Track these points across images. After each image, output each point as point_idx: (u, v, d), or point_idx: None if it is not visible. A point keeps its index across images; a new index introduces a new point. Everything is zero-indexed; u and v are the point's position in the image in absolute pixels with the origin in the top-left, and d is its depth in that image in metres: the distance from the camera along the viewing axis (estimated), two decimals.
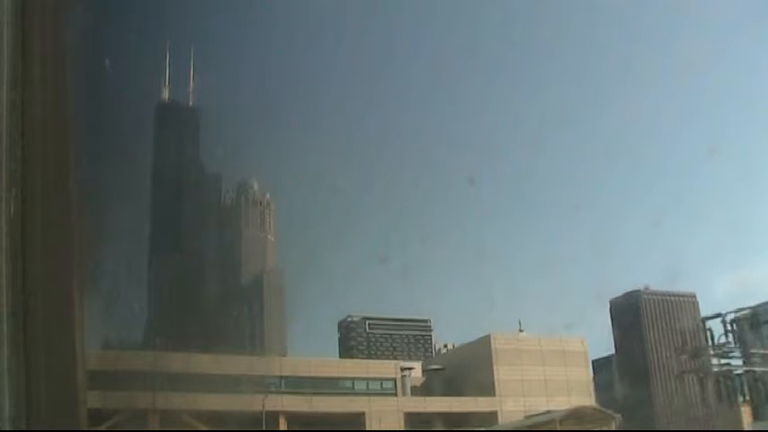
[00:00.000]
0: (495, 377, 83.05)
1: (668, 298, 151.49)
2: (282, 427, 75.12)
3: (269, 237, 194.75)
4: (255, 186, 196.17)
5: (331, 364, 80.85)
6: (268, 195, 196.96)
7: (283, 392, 76.12)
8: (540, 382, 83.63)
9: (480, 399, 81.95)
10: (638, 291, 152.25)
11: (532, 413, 73.52)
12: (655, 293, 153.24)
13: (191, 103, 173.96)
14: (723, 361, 64.15)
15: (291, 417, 75.42)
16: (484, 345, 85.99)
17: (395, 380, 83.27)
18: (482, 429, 74.09)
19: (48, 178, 2.68)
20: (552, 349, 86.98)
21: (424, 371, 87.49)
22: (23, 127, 2.63)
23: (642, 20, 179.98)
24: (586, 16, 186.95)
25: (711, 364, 63.99)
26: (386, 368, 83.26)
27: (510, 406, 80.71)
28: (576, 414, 69.91)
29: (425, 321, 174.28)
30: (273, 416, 71.87)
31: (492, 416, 79.62)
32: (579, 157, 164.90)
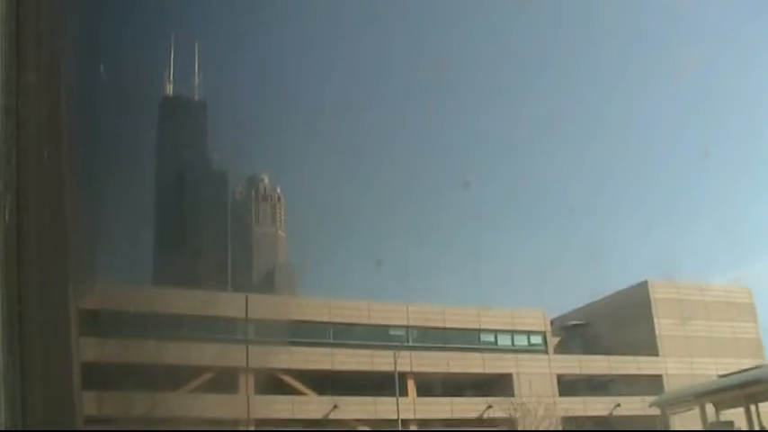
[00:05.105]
0: (657, 333, 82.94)
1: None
2: (411, 392, 76.59)
3: (279, 232, 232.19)
4: (266, 180, 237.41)
5: (470, 314, 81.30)
6: (279, 190, 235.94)
7: (412, 348, 77.30)
8: (705, 339, 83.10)
9: (642, 359, 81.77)
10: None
11: (704, 375, 72.24)
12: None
13: (196, 98, 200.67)
14: None
15: (422, 379, 76.60)
16: (639, 294, 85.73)
17: (544, 334, 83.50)
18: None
19: (44, 184, 3.32)
20: (715, 300, 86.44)
21: (560, 328, 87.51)
22: (18, 133, 3.43)
23: (635, 24, 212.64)
24: (580, 20, 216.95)
25: None
26: (533, 319, 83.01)
27: (674, 368, 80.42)
28: None
29: None
30: (399, 378, 72.95)
31: (656, 380, 79.19)
32: (574, 160, 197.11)
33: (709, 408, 59.33)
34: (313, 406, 69.89)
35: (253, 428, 65.87)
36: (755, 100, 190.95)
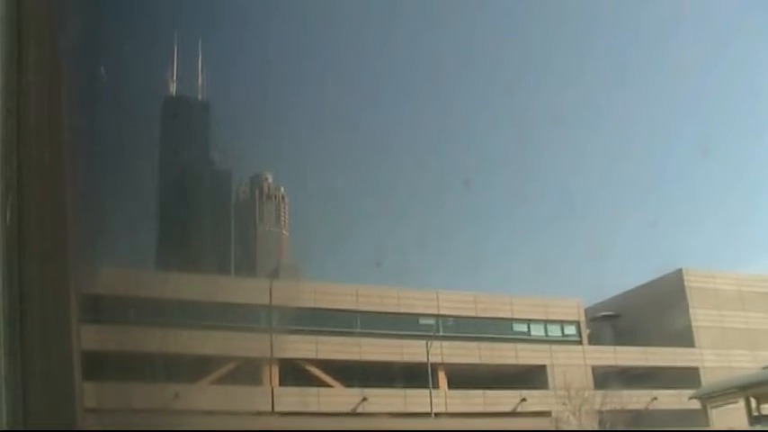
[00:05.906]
0: (693, 324, 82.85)
1: None
2: (442, 384, 76.48)
3: (283, 231, 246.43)
4: (270, 180, 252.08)
5: (502, 302, 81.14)
6: (282, 189, 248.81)
7: (443, 337, 77.07)
8: (742, 331, 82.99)
9: (679, 350, 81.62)
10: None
11: (742, 368, 71.70)
12: None
13: (199, 98, 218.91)
14: None
15: (453, 371, 76.49)
16: (673, 284, 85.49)
17: (578, 323, 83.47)
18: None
19: (45, 186, 3.44)
20: (751, 290, 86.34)
21: (590, 319, 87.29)
22: (19, 134, 3.54)
23: (637, 21, 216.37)
24: (581, 18, 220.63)
25: None
26: (568, 308, 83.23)
27: (711, 360, 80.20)
28: None
29: None
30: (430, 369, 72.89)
31: (692, 373, 78.86)
32: (576, 158, 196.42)
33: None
34: (340, 398, 69.78)
35: (276, 420, 65.87)
36: (758, 98, 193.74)
